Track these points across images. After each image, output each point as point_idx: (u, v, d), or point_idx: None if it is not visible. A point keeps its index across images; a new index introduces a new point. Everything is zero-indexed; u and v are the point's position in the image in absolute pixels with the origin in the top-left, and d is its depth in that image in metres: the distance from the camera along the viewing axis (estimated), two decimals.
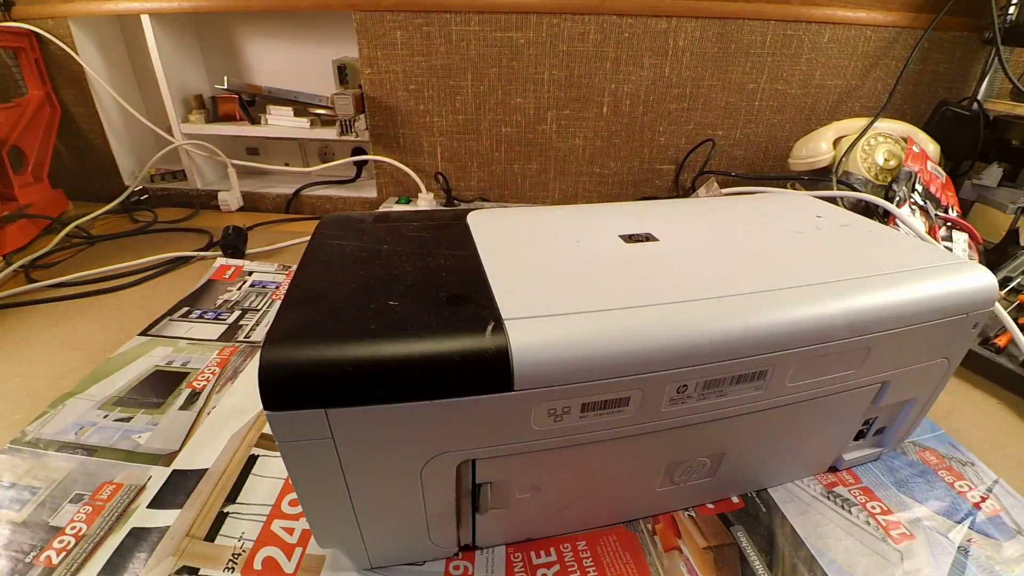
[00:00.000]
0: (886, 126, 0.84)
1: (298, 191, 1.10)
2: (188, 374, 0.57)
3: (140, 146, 1.14)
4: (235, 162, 1.06)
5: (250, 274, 0.80)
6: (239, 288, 0.76)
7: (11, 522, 0.40)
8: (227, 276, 0.79)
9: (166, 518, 0.40)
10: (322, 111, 1.05)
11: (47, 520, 0.40)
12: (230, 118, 1.07)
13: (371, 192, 1.11)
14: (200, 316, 0.69)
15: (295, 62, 1.07)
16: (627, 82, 0.97)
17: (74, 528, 0.39)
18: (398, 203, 1.03)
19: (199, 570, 0.36)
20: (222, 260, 0.83)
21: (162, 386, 0.55)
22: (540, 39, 0.93)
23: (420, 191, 1.02)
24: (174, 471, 0.45)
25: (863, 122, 0.83)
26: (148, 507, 0.41)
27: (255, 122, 1.07)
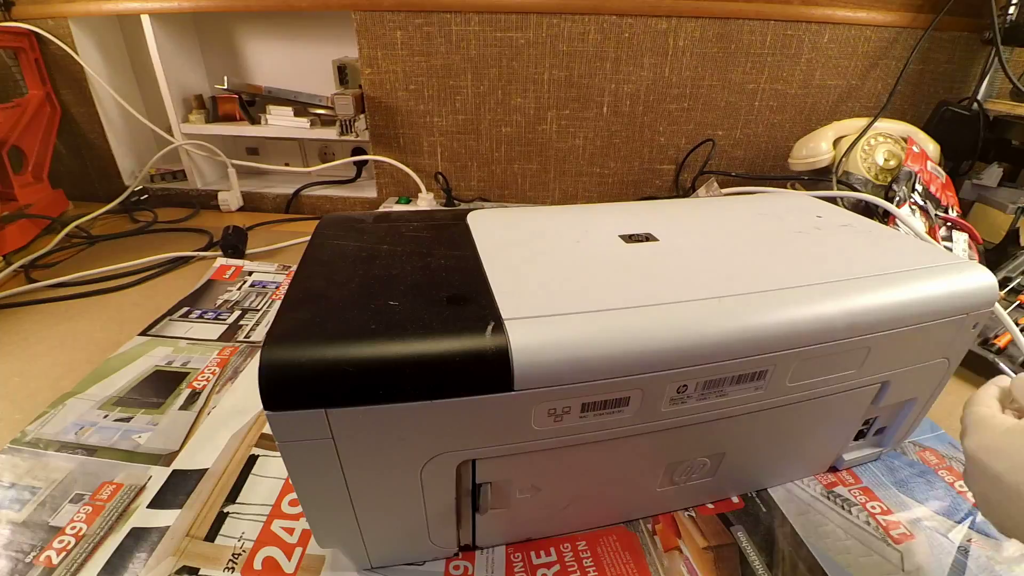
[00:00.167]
0: (886, 126, 0.83)
1: (298, 191, 1.10)
2: (188, 374, 0.57)
3: (140, 146, 1.14)
4: (235, 162, 1.06)
5: (250, 274, 0.80)
6: (239, 288, 0.76)
7: (11, 522, 0.40)
8: (227, 276, 0.79)
9: (166, 518, 0.40)
10: (322, 111, 1.05)
11: (47, 520, 0.40)
12: (230, 118, 1.07)
13: (371, 192, 1.11)
14: (200, 316, 0.69)
15: (295, 62, 1.07)
16: (627, 82, 0.97)
17: (74, 528, 0.39)
18: (398, 203, 1.03)
19: (199, 570, 0.36)
20: (222, 260, 0.83)
21: (162, 386, 0.55)
22: (540, 39, 0.93)
23: (420, 191, 1.02)
24: (174, 471, 0.45)
25: (863, 122, 0.83)
26: (148, 507, 0.41)
27: (255, 122, 1.07)
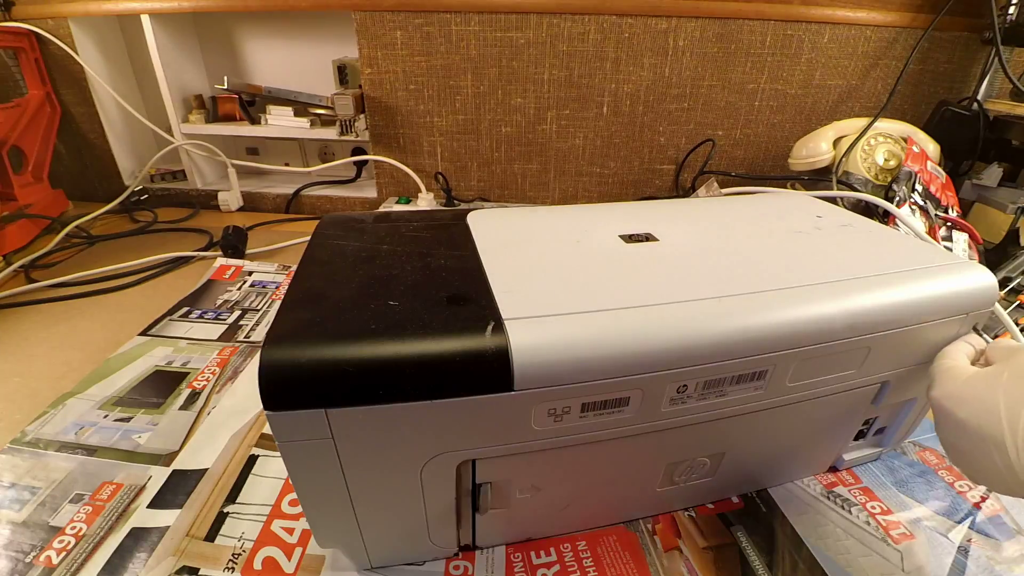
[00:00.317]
0: (886, 126, 0.83)
1: (298, 191, 1.10)
2: (188, 374, 0.57)
3: (140, 146, 1.14)
4: (235, 162, 1.06)
5: (250, 274, 0.80)
6: (239, 288, 0.76)
7: (11, 522, 0.40)
8: (227, 276, 0.79)
9: (166, 518, 0.40)
10: (322, 111, 1.05)
11: (47, 520, 0.40)
12: (230, 118, 1.07)
13: (371, 192, 1.11)
14: (200, 316, 0.69)
15: (295, 62, 1.07)
16: (627, 82, 0.97)
17: (74, 528, 0.39)
18: (398, 203, 1.03)
19: (199, 570, 0.36)
20: (222, 260, 0.83)
21: (162, 386, 0.55)
22: (540, 39, 0.93)
23: (420, 191, 1.02)
24: (174, 471, 0.45)
25: (863, 122, 0.83)
26: (148, 507, 0.41)
27: (255, 122, 1.07)
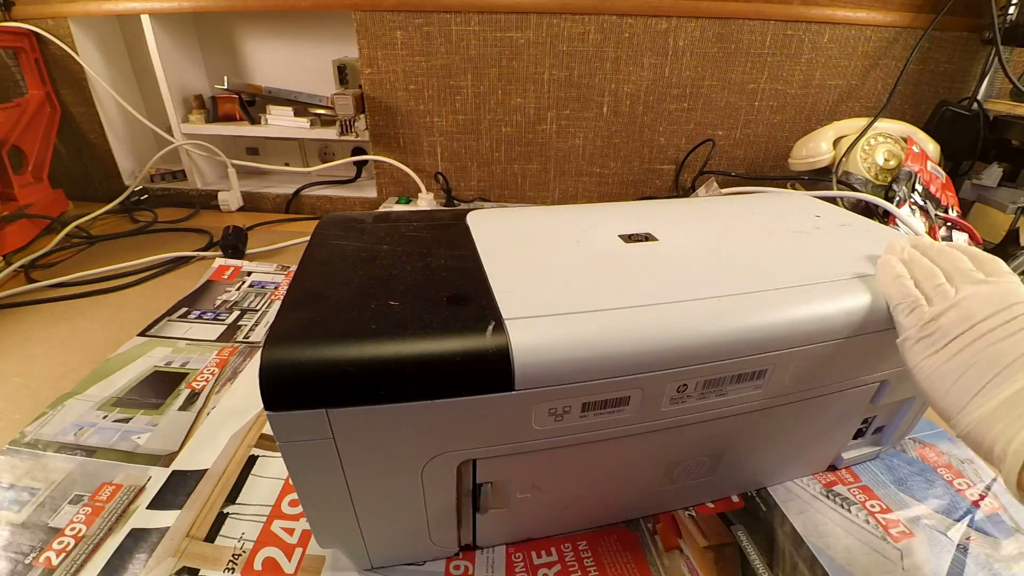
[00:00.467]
0: (886, 126, 0.84)
1: (298, 191, 1.10)
2: (187, 375, 0.57)
3: (140, 146, 1.14)
4: (235, 162, 1.06)
5: (249, 274, 0.80)
6: (238, 288, 0.76)
7: (10, 523, 0.40)
8: (226, 276, 0.79)
9: (166, 519, 0.40)
10: (322, 111, 1.05)
11: (46, 521, 0.40)
12: (230, 118, 1.07)
13: (371, 192, 1.11)
14: (199, 316, 0.69)
15: (295, 62, 1.07)
16: (627, 82, 0.97)
17: (74, 529, 0.39)
18: (398, 203, 1.03)
19: (199, 571, 0.36)
20: (221, 260, 0.83)
21: (161, 387, 0.55)
22: (540, 39, 0.93)
23: (420, 191, 1.02)
24: (174, 472, 0.45)
25: (863, 122, 0.83)
26: (148, 508, 0.41)
27: (255, 122, 1.07)
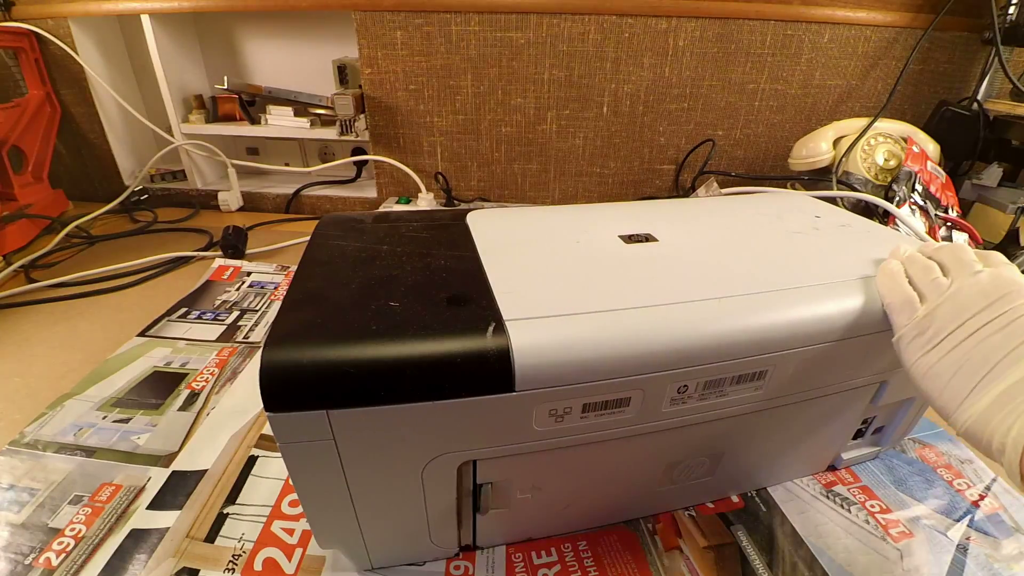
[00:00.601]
0: (886, 126, 0.84)
1: (298, 191, 1.10)
2: (187, 375, 0.57)
3: (140, 146, 1.14)
4: (235, 162, 1.06)
5: (248, 275, 0.80)
6: (237, 289, 0.76)
7: (10, 524, 0.40)
8: (225, 277, 0.79)
9: (166, 519, 0.40)
10: (322, 111, 1.05)
11: (46, 522, 0.40)
12: (230, 118, 1.07)
13: (371, 192, 1.11)
14: (199, 317, 0.68)
15: (295, 62, 1.07)
16: (627, 82, 0.97)
17: (73, 530, 0.39)
18: (398, 203, 1.03)
19: (199, 571, 0.36)
20: (220, 260, 0.83)
21: (161, 387, 0.55)
22: (540, 39, 0.93)
23: (420, 191, 1.02)
24: (173, 472, 0.45)
25: (863, 122, 0.83)
26: (148, 508, 0.41)
27: (255, 122, 1.07)
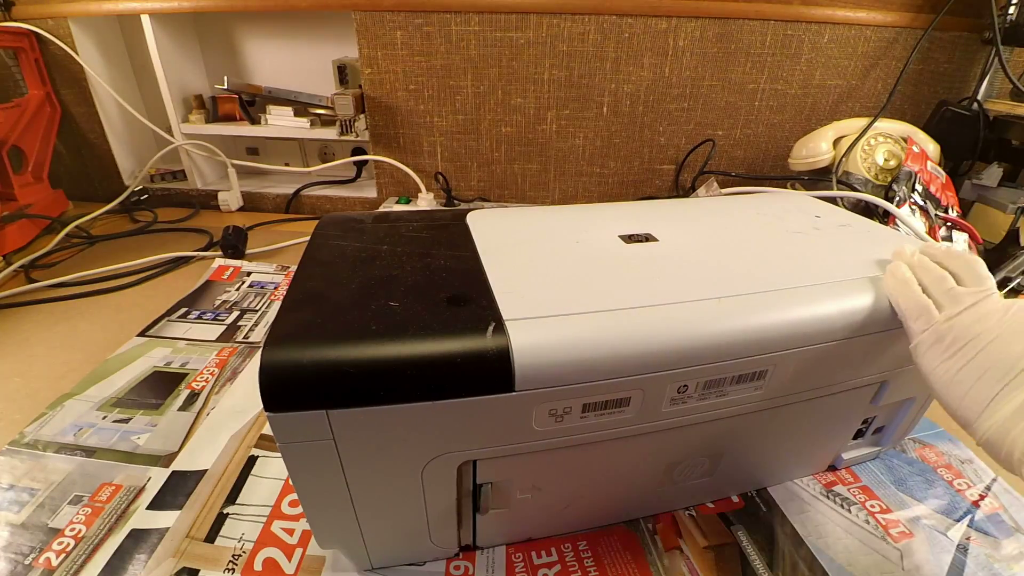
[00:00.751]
0: (886, 126, 0.84)
1: (298, 191, 1.10)
2: (187, 375, 0.57)
3: (140, 146, 1.14)
4: (235, 162, 1.06)
5: (248, 275, 0.80)
6: (237, 289, 0.76)
7: (10, 524, 0.40)
8: (225, 277, 0.79)
9: (166, 519, 0.40)
10: (322, 111, 1.05)
11: (46, 522, 0.40)
12: (230, 118, 1.07)
13: (371, 192, 1.11)
14: (199, 317, 0.68)
15: (295, 62, 1.07)
16: (627, 82, 0.97)
17: (73, 530, 0.39)
18: (398, 203, 1.03)
19: (199, 571, 0.36)
20: (220, 260, 0.83)
21: (161, 387, 0.55)
22: (540, 39, 0.93)
23: (420, 191, 1.02)
24: (173, 472, 0.45)
25: (863, 122, 0.83)
26: (147, 508, 0.41)
27: (255, 122, 1.07)
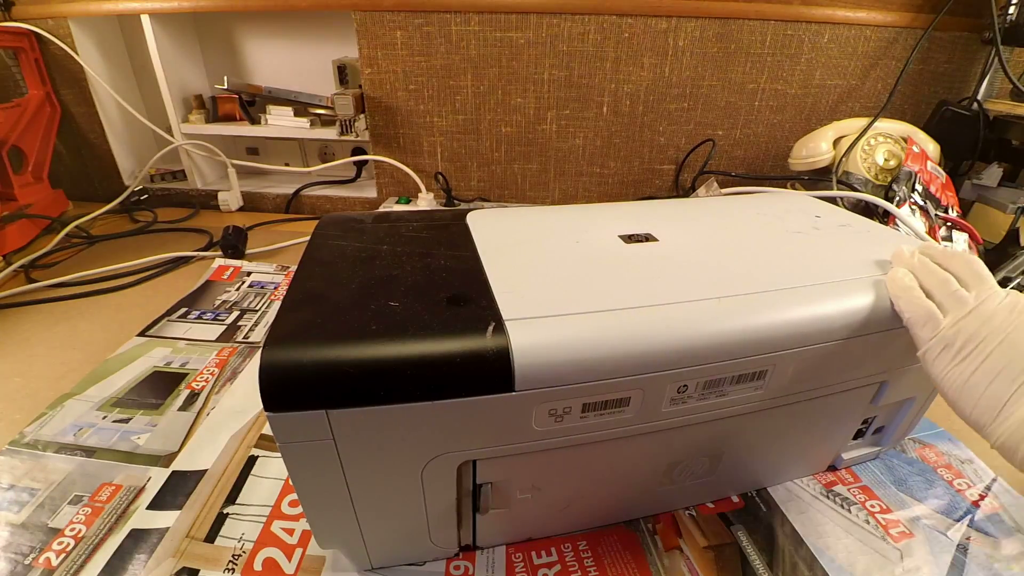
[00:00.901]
0: (886, 126, 0.83)
1: (298, 191, 1.10)
2: (187, 375, 0.57)
3: (140, 146, 1.14)
4: (235, 162, 1.06)
5: (248, 275, 0.80)
6: (237, 289, 0.76)
7: (10, 524, 0.40)
8: (225, 277, 0.79)
9: (166, 519, 0.40)
10: (322, 111, 1.05)
11: (46, 522, 0.40)
12: (230, 118, 1.07)
13: (371, 192, 1.11)
14: (199, 317, 0.68)
15: (295, 62, 1.07)
16: (627, 82, 0.97)
17: (73, 530, 0.39)
18: (398, 203, 1.03)
19: (199, 571, 0.36)
20: (220, 260, 0.83)
21: (161, 387, 0.55)
22: (540, 39, 0.93)
23: (420, 191, 1.02)
24: (173, 472, 0.45)
25: (863, 122, 0.83)
26: (147, 508, 0.41)
27: (255, 122, 1.07)
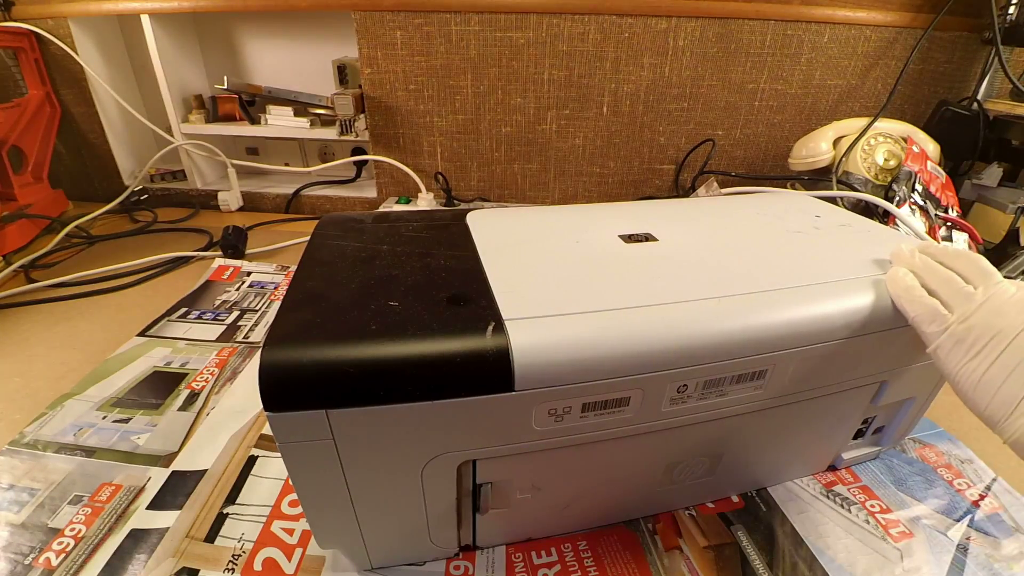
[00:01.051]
0: (886, 126, 0.83)
1: (298, 191, 1.10)
2: (187, 375, 0.57)
3: (140, 146, 1.14)
4: (235, 162, 1.06)
5: (248, 274, 0.80)
6: (237, 289, 0.76)
7: (10, 524, 0.40)
8: (225, 277, 0.79)
9: (166, 519, 0.40)
10: (322, 111, 1.05)
11: (46, 522, 0.40)
12: (230, 118, 1.07)
13: (371, 192, 1.11)
14: (199, 317, 0.68)
15: (295, 62, 1.07)
16: (627, 82, 0.97)
17: (73, 530, 0.39)
18: (398, 203, 1.03)
19: (199, 571, 0.36)
20: (220, 260, 0.83)
21: (161, 387, 0.55)
22: (540, 39, 0.93)
23: (420, 191, 1.02)
24: (173, 472, 0.45)
25: (863, 122, 0.83)
26: (147, 508, 0.41)
27: (255, 122, 1.07)
